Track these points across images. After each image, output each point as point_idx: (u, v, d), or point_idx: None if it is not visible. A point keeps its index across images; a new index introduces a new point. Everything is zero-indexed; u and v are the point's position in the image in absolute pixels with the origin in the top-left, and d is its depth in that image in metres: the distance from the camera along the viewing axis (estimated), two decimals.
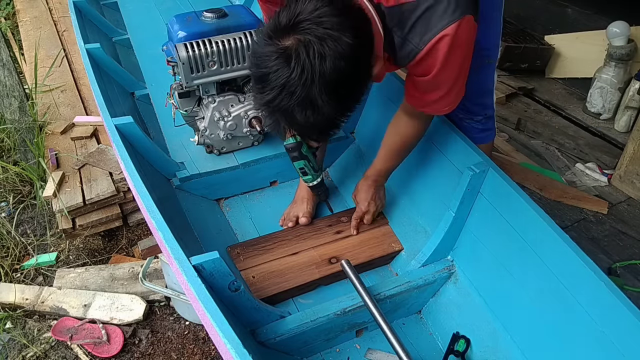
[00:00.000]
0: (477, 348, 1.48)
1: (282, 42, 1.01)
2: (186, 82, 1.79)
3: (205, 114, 1.87)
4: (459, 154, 1.59)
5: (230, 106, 1.88)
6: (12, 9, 4.04)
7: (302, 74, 0.99)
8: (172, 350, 1.82)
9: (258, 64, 1.04)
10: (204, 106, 1.89)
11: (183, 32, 1.82)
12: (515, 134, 2.95)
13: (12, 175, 2.46)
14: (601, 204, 2.40)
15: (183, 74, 1.77)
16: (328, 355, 1.52)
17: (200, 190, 1.87)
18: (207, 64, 1.78)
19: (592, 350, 1.21)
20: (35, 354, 1.80)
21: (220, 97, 1.86)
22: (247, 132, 1.91)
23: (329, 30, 0.99)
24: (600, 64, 2.95)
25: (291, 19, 1.01)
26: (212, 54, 1.76)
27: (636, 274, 2.07)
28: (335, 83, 1.02)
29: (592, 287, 1.22)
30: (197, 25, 1.85)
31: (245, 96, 1.89)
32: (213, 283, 1.23)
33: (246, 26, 1.87)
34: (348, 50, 1.00)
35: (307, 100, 1.02)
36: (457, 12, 1.15)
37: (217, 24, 1.86)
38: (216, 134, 1.88)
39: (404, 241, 1.73)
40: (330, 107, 1.04)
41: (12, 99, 2.83)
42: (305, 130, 1.14)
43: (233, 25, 1.87)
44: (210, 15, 1.87)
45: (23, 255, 2.19)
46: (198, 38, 1.78)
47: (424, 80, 1.28)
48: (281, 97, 1.02)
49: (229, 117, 1.86)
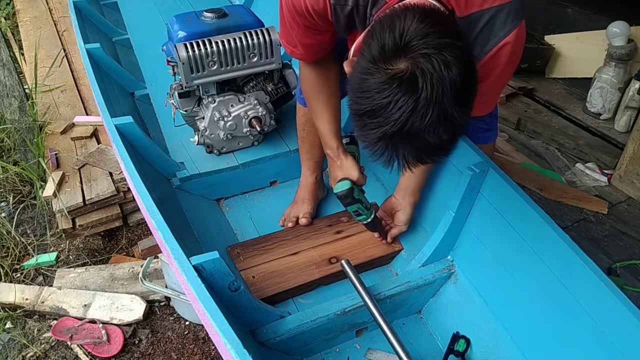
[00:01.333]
0: (477, 348, 1.48)
1: (395, 67, 0.92)
2: (186, 82, 1.79)
3: (205, 114, 1.87)
4: (459, 154, 1.59)
5: (230, 106, 1.87)
6: (12, 9, 4.04)
7: (432, 90, 0.90)
8: (172, 350, 1.82)
9: (370, 97, 0.93)
10: (203, 106, 1.89)
11: (183, 32, 1.83)
12: (515, 134, 2.95)
13: (12, 175, 2.46)
14: (601, 204, 2.40)
15: (183, 74, 1.77)
16: (328, 355, 1.52)
17: (200, 190, 1.87)
18: (207, 64, 1.77)
19: (592, 350, 1.21)
20: (35, 354, 1.80)
21: (220, 97, 1.86)
22: (247, 132, 1.90)
23: (441, 39, 0.92)
24: (600, 64, 2.95)
25: (399, 41, 0.93)
26: (212, 54, 1.76)
27: (636, 274, 2.07)
28: (464, 90, 0.95)
29: (592, 287, 1.22)
30: (197, 25, 1.86)
31: (245, 96, 1.88)
32: (213, 283, 1.23)
33: (246, 26, 1.86)
34: (464, 53, 0.95)
35: (442, 117, 0.93)
36: (517, 20, 1.14)
37: (217, 24, 1.86)
38: (216, 134, 1.88)
39: (404, 241, 1.73)
40: (463, 117, 0.96)
41: (12, 99, 2.83)
42: (432, 152, 1.03)
43: (233, 25, 1.87)
44: (210, 15, 1.88)
45: (23, 255, 2.19)
46: (198, 38, 1.78)
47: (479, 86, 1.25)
48: (410, 123, 0.92)
49: (229, 117, 1.86)
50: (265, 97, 1.92)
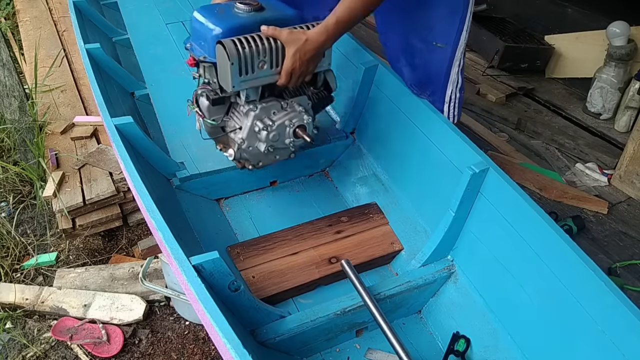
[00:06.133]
0: (477, 348, 1.48)
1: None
2: (232, 86, 1.49)
3: (244, 124, 1.59)
4: (459, 154, 1.59)
5: (272, 113, 1.61)
6: (12, 9, 4.04)
7: None
8: (172, 350, 1.82)
9: None
10: (240, 114, 1.61)
11: (219, 28, 1.50)
12: (515, 134, 2.95)
13: (12, 175, 2.46)
14: (601, 204, 2.40)
15: (231, 77, 1.47)
16: (328, 355, 1.52)
17: (200, 190, 1.87)
18: (258, 64, 1.50)
19: (592, 350, 1.21)
20: (35, 354, 1.80)
21: (263, 104, 1.59)
22: (289, 142, 1.64)
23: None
24: (600, 64, 2.95)
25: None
26: (264, 52, 1.48)
27: (636, 274, 2.07)
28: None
29: (592, 287, 1.22)
30: (234, 18, 1.55)
31: (287, 101, 1.63)
32: (213, 283, 1.23)
33: (289, 20, 1.58)
34: None
35: None
36: None
37: (255, 18, 1.56)
38: (255, 147, 1.62)
39: (404, 241, 1.73)
40: None
41: (12, 99, 2.83)
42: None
43: (273, 19, 1.57)
44: (244, 7, 1.56)
45: (23, 255, 2.19)
46: (238, 34, 1.50)
47: None
48: None
49: (272, 126, 1.59)
50: (307, 102, 1.67)
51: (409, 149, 1.80)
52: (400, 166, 1.84)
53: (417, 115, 1.75)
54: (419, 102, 1.76)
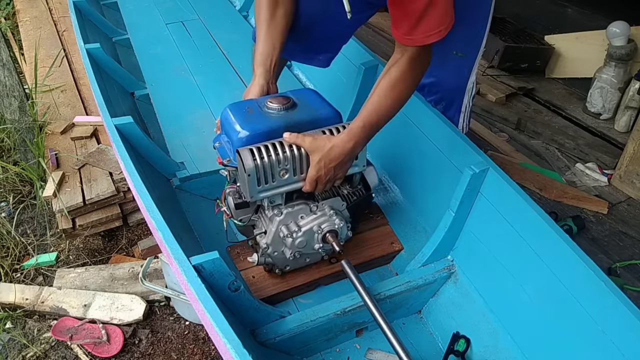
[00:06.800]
0: (477, 348, 1.48)
1: None
2: (251, 196, 1.42)
3: (269, 229, 1.50)
4: (459, 154, 1.59)
5: (300, 218, 1.51)
6: (12, 9, 4.04)
7: None
8: (172, 350, 1.82)
9: None
10: (266, 218, 1.52)
11: (246, 131, 1.41)
12: (515, 134, 2.95)
13: (12, 175, 2.46)
14: (601, 204, 2.40)
15: (248, 187, 1.40)
16: (328, 355, 1.52)
17: (200, 190, 1.87)
18: (278, 173, 1.40)
19: (592, 350, 1.21)
20: (35, 354, 1.80)
21: (289, 208, 1.49)
22: (319, 248, 1.54)
23: None
24: (600, 64, 2.95)
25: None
26: (285, 160, 1.39)
27: (636, 274, 2.07)
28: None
29: (592, 287, 1.22)
30: (262, 120, 1.44)
31: (318, 204, 1.52)
32: (213, 283, 1.23)
33: (322, 120, 1.47)
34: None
35: None
36: None
37: (286, 118, 1.45)
38: (280, 252, 1.52)
39: (404, 241, 1.73)
40: None
41: (12, 99, 2.83)
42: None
43: (306, 120, 1.46)
44: (275, 106, 1.45)
45: (23, 255, 2.19)
46: (265, 138, 1.41)
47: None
48: None
49: (298, 232, 1.49)
50: (341, 203, 1.56)
51: (408, 149, 1.80)
52: (400, 166, 1.84)
53: (417, 115, 1.75)
54: (418, 102, 1.76)
